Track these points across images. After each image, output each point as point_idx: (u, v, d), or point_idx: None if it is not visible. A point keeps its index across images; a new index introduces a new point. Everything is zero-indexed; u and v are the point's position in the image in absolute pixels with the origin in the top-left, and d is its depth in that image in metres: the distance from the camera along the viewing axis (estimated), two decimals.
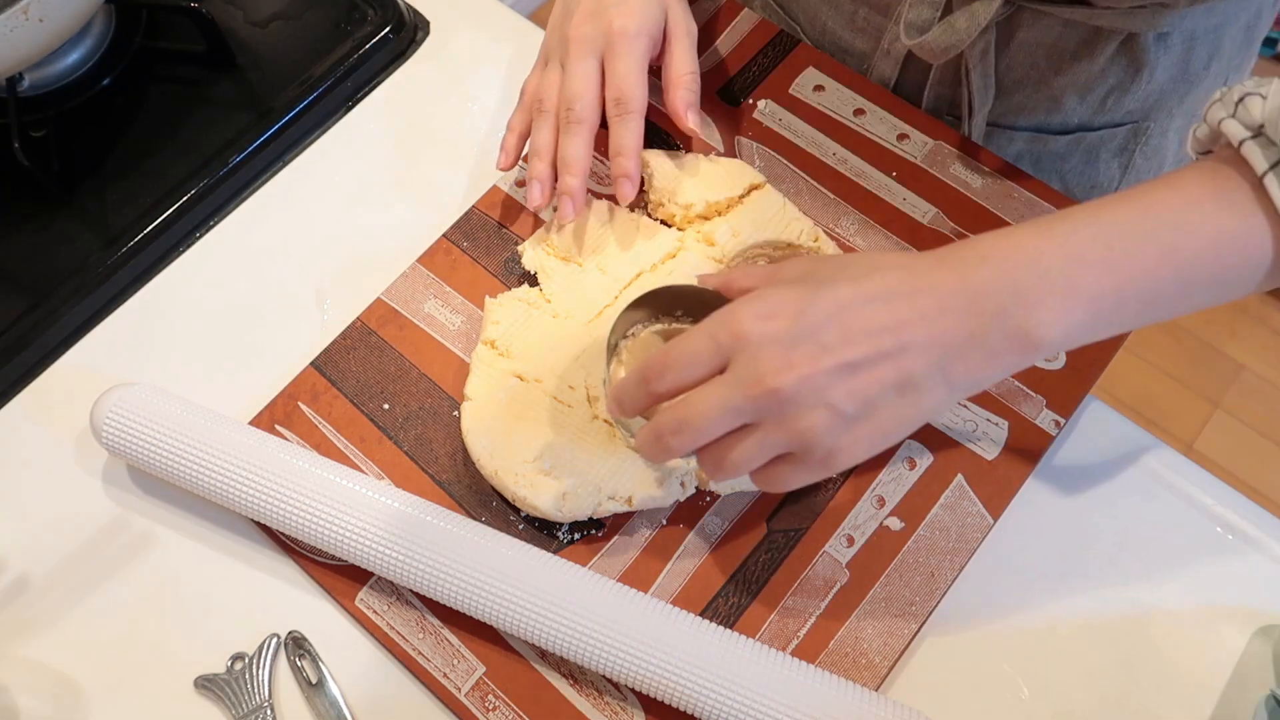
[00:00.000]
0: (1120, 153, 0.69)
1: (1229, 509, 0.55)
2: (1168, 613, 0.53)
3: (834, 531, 0.54)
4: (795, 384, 0.41)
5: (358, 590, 0.53)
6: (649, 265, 0.59)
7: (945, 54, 0.59)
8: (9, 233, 0.66)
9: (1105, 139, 0.69)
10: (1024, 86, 0.65)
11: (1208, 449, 1.49)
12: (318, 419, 0.58)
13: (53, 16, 0.61)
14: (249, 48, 0.71)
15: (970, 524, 0.54)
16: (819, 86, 0.66)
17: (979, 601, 0.54)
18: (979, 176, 0.62)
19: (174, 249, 0.65)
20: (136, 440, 0.54)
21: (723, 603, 0.52)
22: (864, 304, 0.42)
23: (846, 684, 0.48)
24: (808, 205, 0.62)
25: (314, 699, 0.52)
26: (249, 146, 0.67)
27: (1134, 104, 0.66)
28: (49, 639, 0.54)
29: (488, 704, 0.51)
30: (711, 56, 0.68)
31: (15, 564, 0.56)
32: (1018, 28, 0.62)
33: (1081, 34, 0.61)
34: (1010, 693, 0.52)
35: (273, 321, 0.62)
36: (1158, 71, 0.64)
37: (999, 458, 0.55)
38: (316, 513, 0.51)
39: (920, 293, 0.42)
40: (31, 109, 0.68)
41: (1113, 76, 0.64)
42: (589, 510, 0.52)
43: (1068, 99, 0.65)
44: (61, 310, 0.62)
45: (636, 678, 0.48)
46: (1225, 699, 0.51)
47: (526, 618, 0.49)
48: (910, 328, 0.42)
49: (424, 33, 0.73)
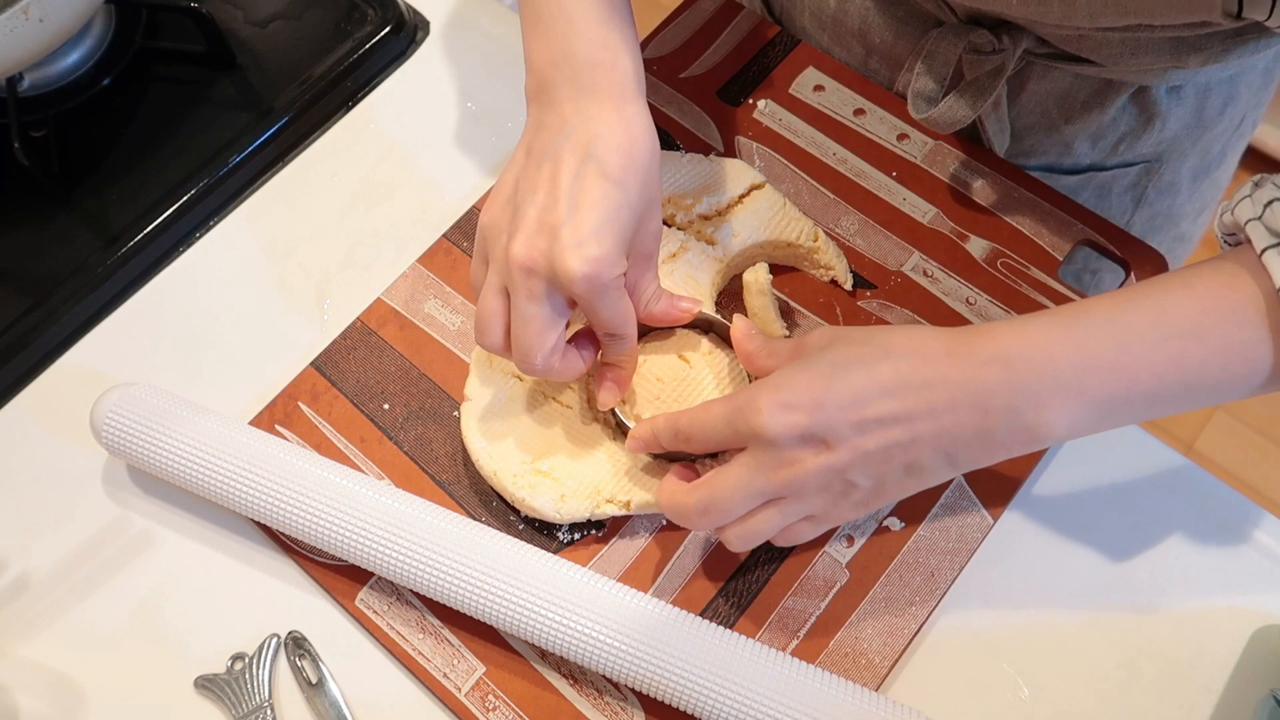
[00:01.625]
0: (1132, 188, 0.69)
1: (1229, 509, 0.55)
2: (1168, 613, 0.53)
3: (834, 532, 0.54)
4: (814, 473, 0.44)
5: (358, 590, 0.53)
6: None
7: (951, 128, 0.59)
8: (9, 233, 0.66)
9: (1118, 176, 0.68)
10: (1035, 131, 0.65)
11: (1208, 449, 1.49)
12: (318, 419, 0.58)
13: (53, 16, 0.61)
14: (249, 48, 0.71)
15: (970, 524, 0.54)
16: (819, 86, 0.66)
17: (979, 601, 0.54)
18: (979, 176, 0.62)
19: (174, 249, 0.65)
20: (136, 440, 0.54)
21: (722, 603, 0.52)
22: (878, 395, 0.43)
23: (846, 684, 0.48)
24: (808, 205, 0.62)
25: (314, 699, 0.52)
26: (249, 146, 0.67)
27: (1146, 148, 0.66)
28: (49, 639, 0.54)
29: (488, 704, 0.51)
30: (711, 56, 0.68)
31: (15, 564, 0.56)
32: (1028, 79, 0.62)
33: (1093, 85, 0.61)
34: (1010, 693, 0.52)
35: (273, 321, 0.62)
36: (1170, 121, 0.64)
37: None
38: (316, 513, 0.51)
39: (932, 386, 0.43)
40: (31, 109, 0.68)
41: (1124, 125, 0.64)
42: (586, 513, 0.53)
43: (1079, 144, 0.65)
44: (61, 310, 0.62)
45: (636, 678, 0.48)
46: (1225, 699, 0.51)
47: (526, 618, 0.49)
48: (920, 421, 0.43)
49: (424, 33, 0.73)
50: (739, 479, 0.45)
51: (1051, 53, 0.59)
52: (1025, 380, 0.42)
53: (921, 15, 0.62)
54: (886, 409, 0.43)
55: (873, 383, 0.44)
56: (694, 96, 0.66)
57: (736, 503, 0.45)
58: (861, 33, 0.65)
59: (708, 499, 0.46)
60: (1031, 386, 0.42)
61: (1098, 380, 0.42)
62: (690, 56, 0.68)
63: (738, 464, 0.45)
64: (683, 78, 0.67)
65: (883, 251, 0.61)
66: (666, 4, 0.70)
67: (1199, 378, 0.42)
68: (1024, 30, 0.57)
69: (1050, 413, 0.42)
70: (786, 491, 0.45)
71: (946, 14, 0.60)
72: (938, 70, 0.59)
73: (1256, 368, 0.42)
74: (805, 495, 0.45)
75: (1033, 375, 0.42)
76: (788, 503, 0.45)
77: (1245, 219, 0.43)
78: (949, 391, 0.43)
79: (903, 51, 0.65)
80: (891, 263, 0.60)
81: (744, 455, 0.45)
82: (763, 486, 0.45)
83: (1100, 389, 0.42)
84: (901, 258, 0.60)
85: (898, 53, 0.65)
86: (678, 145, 0.65)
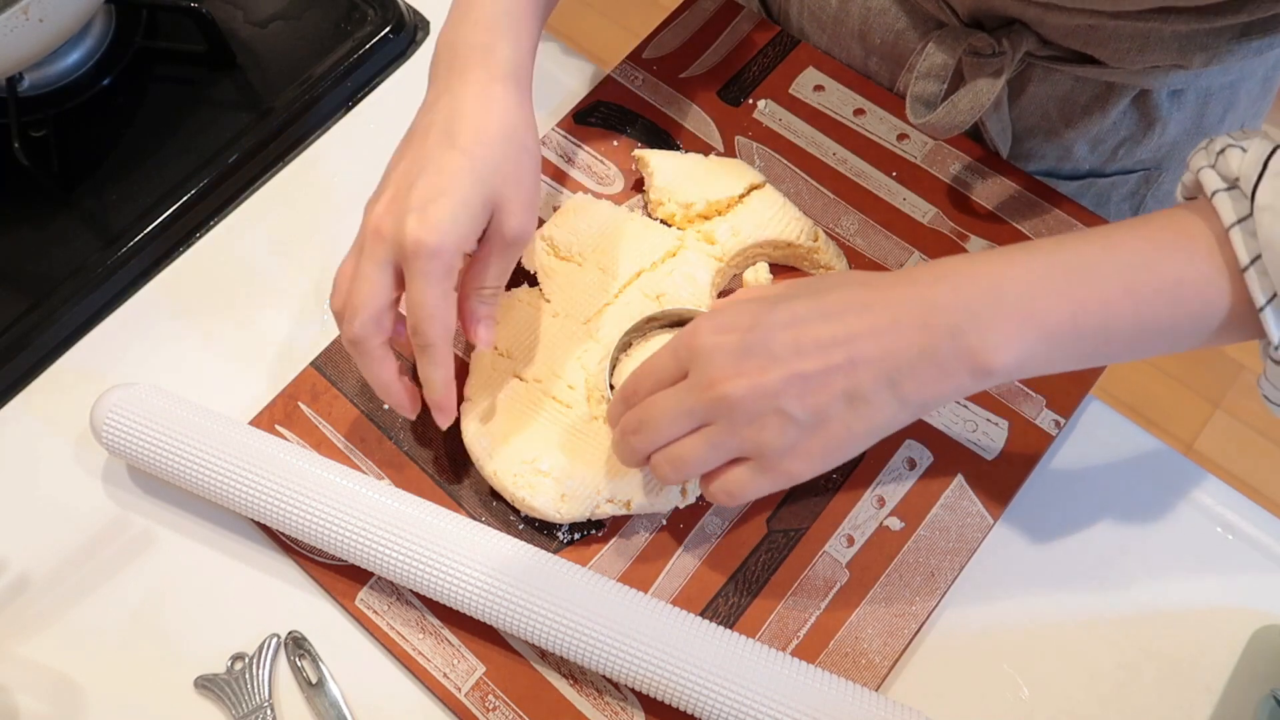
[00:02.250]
0: (1131, 196, 0.69)
1: (1229, 509, 0.55)
2: (1168, 613, 0.53)
3: (834, 531, 0.54)
4: (744, 391, 0.42)
5: (358, 590, 0.53)
6: (649, 264, 0.59)
7: (950, 132, 0.58)
8: (9, 233, 0.66)
9: (1117, 184, 0.68)
10: (1034, 135, 0.65)
11: (1208, 449, 1.49)
12: (318, 419, 0.58)
13: (53, 16, 0.61)
14: (249, 48, 0.71)
15: (970, 524, 0.54)
16: (819, 86, 0.66)
17: (979, 601, 0.54)
18: (979, 177, 0.62)
19: (174, 249, 0.65)
20: (136, 440, 0.54)
21: (722, 603, 0.52)
22: (818, 318, 0.43)
23: (846, 684, 0.48)
24: (808, 205, 0.62)
25: (314, 699, 0.52)
26: (249, 146, 0.67)
27: (1146, 154, 0.66)
28: (49, 639, 0.54)
29: (488, 704, 0.51)
30: (711, 57, 0.68)
31: (15, 564, 0.56)
32: (1029, 82, 0.62)
33: (1094, 89, 0.61)
34: (1010, 693, 0.52)
35: (273, 321, 0.62)
36: (1170, 126, 0.64)
37: (999, 458, 0.55)
38: (316, 513, 0.51)
39: (874, 306, 0.43)
40: (31, 109, 0.68)
41: (1125, 129, 0.64)
42: (587, 512, 0.53)
43: (1078, 148, 0.65)
44: (61, 310, 0.62)
45: (636, 678, 0.48)
46: (1225, 699, 0.51)
47: (526, 618, 0.49)
48: (861, 341, 0.42)
49: (424, 33, 0.73)
50: (671, 397, 0.45)
51: (1053, 54, 0.59)
52: (969, 299, 0.42)
53: (922, 17, 0.62)
54: (826, 331, 0.42)
55: (815, 307, 0.43)
56: (694, 96, 0.66)
57: (665, 422, 0.45)
58: (861, 34, 0.66)
59: (640, 415, 0.46)
60: (975, 305, 0.41)
61: (1045, 305, 0.41)
62: (690, 56, 0.68)
63: (675, 387, 0.45)
64: (683, 78, 0.67)
65: (882, 252, 0.61)
66: (667, 4, 0.70)
67: (1151, 312, 0.41)
68: (1025, 32, 0.57)
69: (995, 334, 0.41)
70: (717, 413, 0.43)
71: (948, 15, 0.60)
72: (937, 74, 0.59)
73: (1209, 307, 0.41)
74: (736, 422, 0.43)
75: (977, 294, 0.42)
76: (717, 429, 0.44)
77: (1199, 167, 0.43)
78: (891, 311, 0.42)
79: (903, 54, 0.65)
80: (891, 263, 0.60)
81: (683, 381, 0.45)
82: (692, 405, 0.44)
83: (1048, 314, 0.41)
84: (901, 258, 0.60)
85: (898, 55, 0.65)
86: (678, 145, 0.65)
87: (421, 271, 0.47)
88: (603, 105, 0.66)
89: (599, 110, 0.66)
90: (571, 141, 0.65)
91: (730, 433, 0.44)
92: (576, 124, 0.66)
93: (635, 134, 0.65)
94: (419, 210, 0.46)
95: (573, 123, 0.66)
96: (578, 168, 0.65)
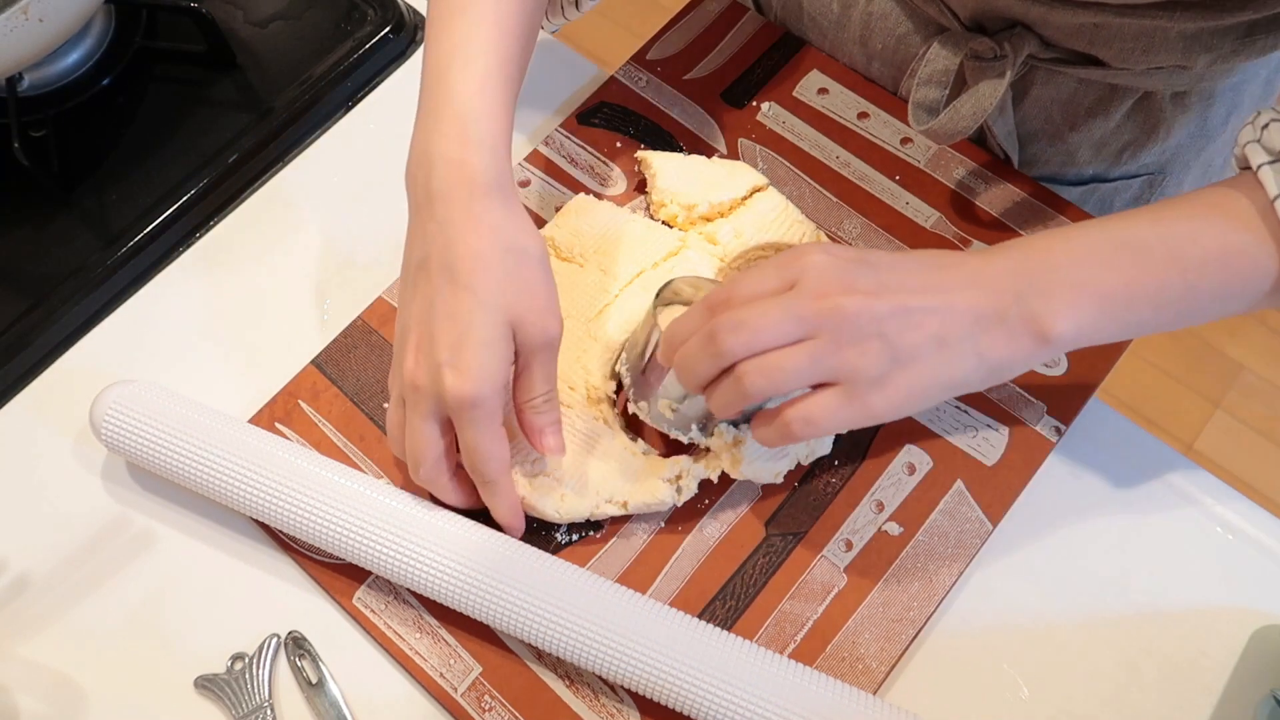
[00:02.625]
0: (1135, 202, 0.69)
1: (1229, 509, 0.55)
2: (1168, 613, 0.53)
3: (832, 536, 0.54)
4: (858, 306, 0.43)
5: (355, 589, 0.53)
6: (650, 264, 0.59)
7: (953, 138, 0.58)
8: (9, 233, 0.66)
9: (1120, 189, 0.68)
10: (1038, 140, 0.65)
11: (1208, 449, 1.49)
12: (318, 417, 0.58)
13: (53, 16, 0.61)
14: (249, 48, 0.71)
15: (969, 530, 0.54)
16: (823, 89, 0.66)
17: (979, 602, 0.54)
18: (982, 182, 0.62)
19: (174, 249, 0.65)
20: (136, 437, 0.54)
21: (720, 605, 0.52)
22: (914, 266, 0.46)
23: (843, 686, 0.48)
24: (810, 208, 0.62)
25: (314, 699, 0.52)
26: (249, 146, 0.67)
27: (1149, 158, 0.66)
28: (49, 639, 0.54)
29: (484, 704, 0.51)
30: (715, 59, 0.68)
31: (15, 564, 0.56)
32: (1032, 85, 0.62)
33: (1097, 91, 0.61)
34: (1010, 693, 0.52)
35: (273, 321, 0.62)
36: (1174, 129, 0.64)
37: (999, 464, 0.55)
38: (315, 511, 0.51)
39: (954, 266, 0.46)
40: (31, 109, 0.68)
41: (1128, 133, 0.64)
42: (585, 512, 0.53)
43: (1082, 153, 0.65)
44: (61, 310, 0.62)
45: (633, 679, 0.48)
46: (1225, 699, 0.51)
47: (523, 618, 0.49)
48: (951, 292, 0.45)
49: (424, 33, 0.73)
50: (779, 302, 0.44)
51: (1056, 56, 0.59)
52: (1030, 268, 0.45)
53: (924, 21, 0.62)
54: (922, 275, 0.45)
55: (907, 258, 0.46)
56: (698, 98, 0.66)
57: (770, 323, 0.44)
58: (863, 39, 0.65)
59: (740, 315, 0.44)
60: (1035, 273, 0.44)
61: (1098, 273, 0.44)
62: (694, 59, 0.68)
63: (782, 295, 0.45)
64: (687, 79, 0.67)
65: None
66: (671, 6, 0.70)
67: (1200, 278, 0.43)
68: (1028, 34, 0.57)
69: (1054, 301, 0.44)
70: (826, 325, 0.43)
71: (949, 19, 0.60)
72: (939, 79, 0.59)
73: (1258, 271, 0.43)
74: (841, 339, 0.43)
75: (1035, 263, 0.45)
76: (820, 343, 0.43)
77: (1245, 141, 0.45)
78: (969, 273, 0.45)
79: (904, 59, 0.65)
80: None
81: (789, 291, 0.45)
82: (802, 311, 0.44)
83: (1101, 282, 0.44)
84: None
85: (899, 60, 0.65)
86: (680, 146, 0.65)
87: (470, 420, 0.47)
88: (606, 106, 0.66)
89: (602, 111, 0.66)
90: (574, 142, 0.65)
91: (833, 350, 0.43)
92: (579, 124, 0.66)
93: (638, 135, 0.65)
94: (451, 364, 0.46)
95: (576, 123, 0.66)
96: (580, 168, 0.65)
